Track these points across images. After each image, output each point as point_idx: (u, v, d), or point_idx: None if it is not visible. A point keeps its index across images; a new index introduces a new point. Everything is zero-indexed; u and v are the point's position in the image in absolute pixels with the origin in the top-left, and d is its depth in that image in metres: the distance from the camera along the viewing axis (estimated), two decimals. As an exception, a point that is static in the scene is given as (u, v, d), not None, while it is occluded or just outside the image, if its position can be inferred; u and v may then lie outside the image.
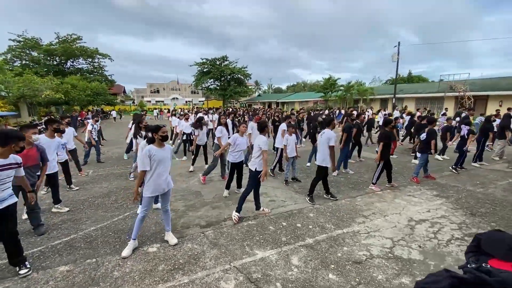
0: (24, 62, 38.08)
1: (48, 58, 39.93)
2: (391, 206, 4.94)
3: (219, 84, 48.29)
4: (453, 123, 10.24)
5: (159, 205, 4.39)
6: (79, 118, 20.85)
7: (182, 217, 4.53)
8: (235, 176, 5.49)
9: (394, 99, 24.95)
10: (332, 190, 5.71)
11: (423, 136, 6.30)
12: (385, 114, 14.25)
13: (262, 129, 4.64)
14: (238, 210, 4.35)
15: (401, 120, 12.22)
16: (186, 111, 17.46)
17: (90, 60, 43.27)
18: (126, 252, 3.38)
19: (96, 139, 8.89)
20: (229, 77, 47.53)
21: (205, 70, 47.12)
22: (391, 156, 9.22)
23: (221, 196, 5.43)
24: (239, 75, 47.48)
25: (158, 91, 68.38)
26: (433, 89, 23.78)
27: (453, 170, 7.30)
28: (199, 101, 59.69)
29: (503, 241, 0.90)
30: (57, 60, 40.97)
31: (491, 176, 6.97)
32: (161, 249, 3.54)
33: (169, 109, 33.28)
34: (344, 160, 7.28)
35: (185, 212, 4.74)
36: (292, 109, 17.60)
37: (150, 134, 3.61)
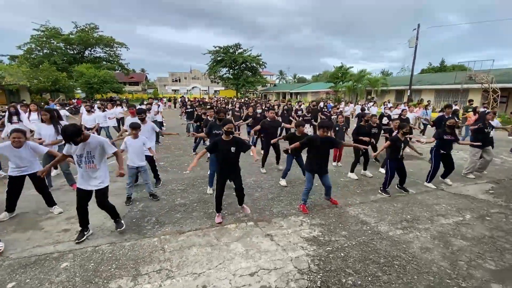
0: (45, 51, 39.99)
1: (68, 47, 41.62)
2: (207, 258, 3.16)
3: (232, 73, 46.86)
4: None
5: None
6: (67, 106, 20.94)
7: None
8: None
9: (409, 91, 21.47)
10: (176, 217, 4.10)
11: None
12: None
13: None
14: None
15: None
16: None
17: (108, 49, 44.29)
18: None
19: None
20: (242, 66, 45.78)
21: (218, 58, 45.87)
22: (334, 164, 7.12)
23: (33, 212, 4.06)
24: (253, 64, 45.48)
25: (179, 80, 69.08)
26: (457, 80, 19.71)
27: (382, 193, 5.15)
28: (215, 91, 59.16)
29: None
30: (76, 49, 42.58)
31: (442, 206, 4.70)
32: None
33: (170, 98, 32.62)
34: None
35: None
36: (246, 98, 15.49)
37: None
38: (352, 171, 6.09)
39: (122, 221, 3.75)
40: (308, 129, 9.12)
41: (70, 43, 39.93)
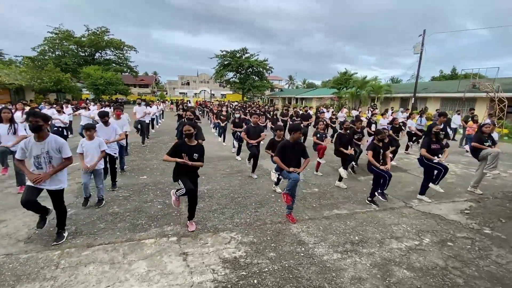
0: (58, 53, 41.30)
1: (80, 49, 42.90)
2: (98, 278, 2.78)
3: (238, 77, 46.94)
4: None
5: None
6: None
7: None
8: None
9: (413, 98, 20.62)
10: (98, 228, 3.77)
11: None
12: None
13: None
14: None
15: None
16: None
17: (118, 51, 45.32)
18: None
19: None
20: (248, 70, 45.78)
21: (225, 63, 46.07)
22: (315, 173, 6.66)
23: None
24: (259, 68, 45.44)
25: (188, 83, 69.86)
26: (461, 88, 18.68)
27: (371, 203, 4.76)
28: (222, 94, 59.50)
29: None
30: (87, 52, 43.81)
31: (402, 226, 4.14)
32: None
33: (172, 101, 32.69)
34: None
35: None
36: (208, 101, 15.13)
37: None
38: (345, 168, 5.86)
39: (65, 234, 3.48)
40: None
41: (82, 45, 41.15)
